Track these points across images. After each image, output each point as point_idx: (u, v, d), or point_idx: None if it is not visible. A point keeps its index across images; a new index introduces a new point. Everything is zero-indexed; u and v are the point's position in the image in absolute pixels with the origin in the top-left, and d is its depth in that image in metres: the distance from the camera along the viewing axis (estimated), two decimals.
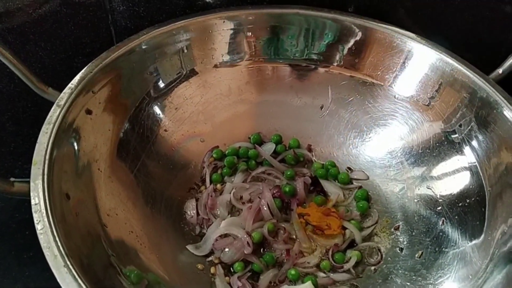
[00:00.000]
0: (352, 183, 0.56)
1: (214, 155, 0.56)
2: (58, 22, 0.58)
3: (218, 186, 0.54)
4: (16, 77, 0.62)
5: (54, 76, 0.61)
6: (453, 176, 0.49)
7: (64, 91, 0.44)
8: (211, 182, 0.54)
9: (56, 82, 0.49)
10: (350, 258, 0.49)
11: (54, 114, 0.42)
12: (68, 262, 0.32)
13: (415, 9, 0.60)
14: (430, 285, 0.45)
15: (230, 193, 0.52)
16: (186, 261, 0.47)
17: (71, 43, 0.60)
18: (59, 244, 0.33)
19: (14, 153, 0.71)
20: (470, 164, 0.48)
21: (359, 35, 0.56)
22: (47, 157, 0.38)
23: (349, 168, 0.57)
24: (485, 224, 0.45)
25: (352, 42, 0.57)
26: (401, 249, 0.49)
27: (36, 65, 0.60)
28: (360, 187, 0.55)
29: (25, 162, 0.73)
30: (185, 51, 0.55)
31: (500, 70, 0.51)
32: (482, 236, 0.44)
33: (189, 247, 0.48)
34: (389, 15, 0.60)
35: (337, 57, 0.58)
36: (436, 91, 0.52)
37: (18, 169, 0.71)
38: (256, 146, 0.58)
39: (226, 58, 0.58)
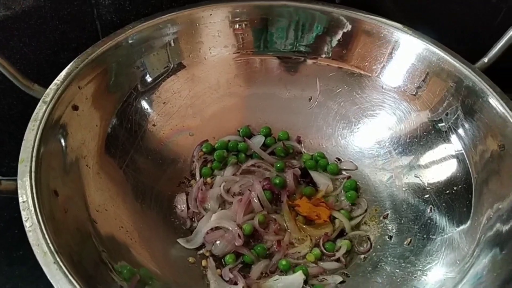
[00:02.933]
0: (341, 174, 0.57)
1: (204, 149, 0.56)
2: (43, 17, 0.58)
3: (208, 179, 0.55)
4: (1, 74, 0.62)
5: (39, 72, 0.61)
6: (440, 164, 0.50)
7: (50, 87, 0.44)
8: (201, 176, 0.55)
9: (42, 78, 0.48)
10: (340, 247, 0.49)
11: (40, 111, 0.41)
12: (58, 259, 0.32)
13: (400, 0, 0.61)
14: (419, 271, 0.45)
15: (220, 186, 0.52)
16: (177, 255, 0.47)
17: (56, 39, 0.60)
18: (48, 241, 0.33)
19: (1, 151, 0.70)
20: (456, 152, 0.49)
21: (347, 27, 0.56)
22: (34, 154, 0.38)
23: (338, 159, 0.58)
24: (472, 210, 0.46)
25: (340, 33, 0.57)
26: (390, 237, 0.50)
27: (21, 62, 0.59)
28: (349, 177, 0.56)
29: (11, 160, 0.72)
30: (172, 44, 0.55)
31: (485, 59, 0.52)
32: (469, 222, 0.45)
33: (180, 240, 0.48)
34: (376, 6, 0.61)
35: (326, 49, 0.58)
36: (423, 81, 0.53)
37: (5, 167, 0.70)
38: (246, 139, 0.58)
39: (214, 51, 0.58)
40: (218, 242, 0.48)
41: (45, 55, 0.61)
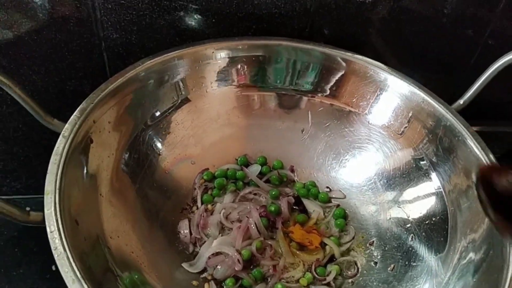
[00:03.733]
0: (331, 202, 0.60)
1: (205, 177, 0.60)
2: (53, 48, 0.60)
3: (209, 206, 0.58)
4: (8, 99, 0.64)
5: (46, 98, 0.63)
6: (421, 198, 0.54)
7: (68, 121, 0.46)
8: (202, 202, 0.58)
9: (49, 105, 0.51)
10: (330, 271, 0.53)
11: (60, 145, 0.44)
12: (85, 286, 0.35)
13: (386, 39, 0.65)
14: None
15: (220, 213, 0.56)
16: (182, 278, 0.50)
17: (64, 67, 0.62)
18: (75, 268, 0.36)
19: (3, 171, 0.72)
20: (436, 189, 0.53)
21: (339, 66, 0.60)
22: (57, 186, 0.41)
23: (328, 188, 0.62)
24: (448, 239, 0.50)
25: (332, 72, 0.61)
26: (375, 263, 0.54)
27: (29, 88, 0.62)
28: (338, 205, 0.60)
29: (12, 179, 0.74)
30: (179, 80, 0.58)
31: (461, 101, 0.57)
32: (445, 250, 0.49)
33: (184, 265, 0.51)
34: (363, 45, 0.66)
35: (319, 87, 0.62)
36: (407, 119, 0.57)
37: (6, 187, 0.72)
38: (243, 168, 0.61)
39: (215, 85, 0.61)
40: (219, 266, 0.51)
41: (52, 82, 0.64)
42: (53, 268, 0.67)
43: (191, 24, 0.61)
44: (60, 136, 0.45)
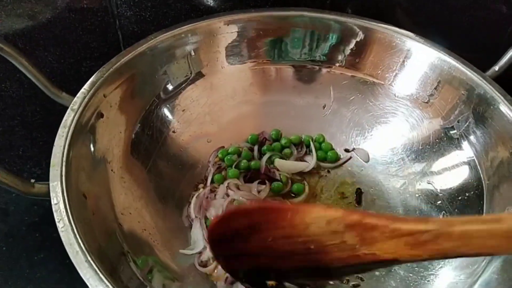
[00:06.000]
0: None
1: (220, 155, 0.58)
2: (67, 27, 0.60)
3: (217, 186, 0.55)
4: (26, 82, 0.64)
5: (62, 79, 0.63)
6: (452, 171, 0.51)
7: (77, 95, 0.45)
8: (212, 181, 0.55)
9: (65, 86, 0.50)
10: None
11: (68, 118, 0.43)
12: (89, 258, 0.33)
13: (412, 10, 0.62)
14: (431, 275, 0.46)
15: (222, 198, 0.53)
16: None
17: (79, 48, 0.62)
18: (80, 241, 0.34)
19: (23, 156, 0.72)
20: (468, 159, 0.50)
21: (360, 36, 0.58)
22: (64, 159, 0.40)
23: (347, 150, 0.59)
24: (483, 215, 0.46)
25: (353, 42, 0.58)
26: None
27: (45, 70, 0.61)
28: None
29: (33, 165, 0.74)
30: (193, 54, 0.56)
31: (496, 68, 0.53)
32: None
33: (182, 251, 0.48)
34: (388, 16, 0.62)
35: (339, 58, 0.59)
36: (435, 88, 0.54)
37: (26, 172, 0.72)
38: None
39: (231, 60, 0.59)
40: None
41: (68, 64, 0.63)
42: None
43: None
44: (69, 109, 0.44)
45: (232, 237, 0.35)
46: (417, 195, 0.53)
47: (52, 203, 0.36)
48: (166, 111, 0.55)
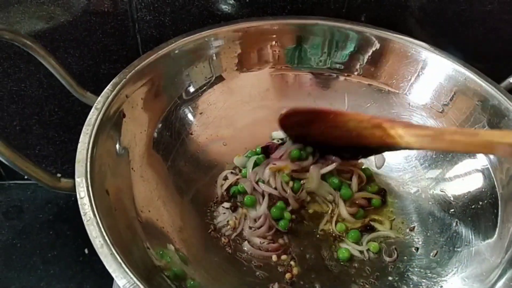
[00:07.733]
0: None
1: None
2: (88, 30, 0.61)
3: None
4: (45, 82, 0.65)
5: (81, 81, 0.64)
6: (466, 179, 0.51)
7: (101, 95, 0.46)
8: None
9: (84, 87, 0.51)
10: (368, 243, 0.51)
11: (93, 116, 0.44)
12: (113, 251, 0.34)
13: (426, 20, 0.62)
14: (444, 282, 0.46)
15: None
16: (213, 256, 0.49)
17: (98, 51, 0.63)
18: (104, 234, 0.35)
19: (39, 155, 0.73)
20: (482, 167, 0.50)
21: (376, 45, 0.58)
22: (89, 155, 0.41)
23: None
24: (498, 224, 0.47)
25: (370, 52, 0.59)
26: (417, 249, 0.51)
27: None
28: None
29: (48, 164, 0.75)
30: (214, 58, 0.57)
31: (511, 79, 0.54)
32: (495, 236, 0.46)
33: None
34: (401, 26, 0.63)
35: (357, 66, 0.60)
36: (450, 99, 0.55)
37: None
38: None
39: (249, 66, 0.60)
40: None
41: (87, 66, 0.64)
42: (86, 251, 0.67)
43: (224, 5, 0.60)
44: (93, 108, 0.45)
45: (297, 125, 0.53)
46: (430, 202, 0.54)
47: (78, 197, 0.37)
48: (185, 113, 0.56)
